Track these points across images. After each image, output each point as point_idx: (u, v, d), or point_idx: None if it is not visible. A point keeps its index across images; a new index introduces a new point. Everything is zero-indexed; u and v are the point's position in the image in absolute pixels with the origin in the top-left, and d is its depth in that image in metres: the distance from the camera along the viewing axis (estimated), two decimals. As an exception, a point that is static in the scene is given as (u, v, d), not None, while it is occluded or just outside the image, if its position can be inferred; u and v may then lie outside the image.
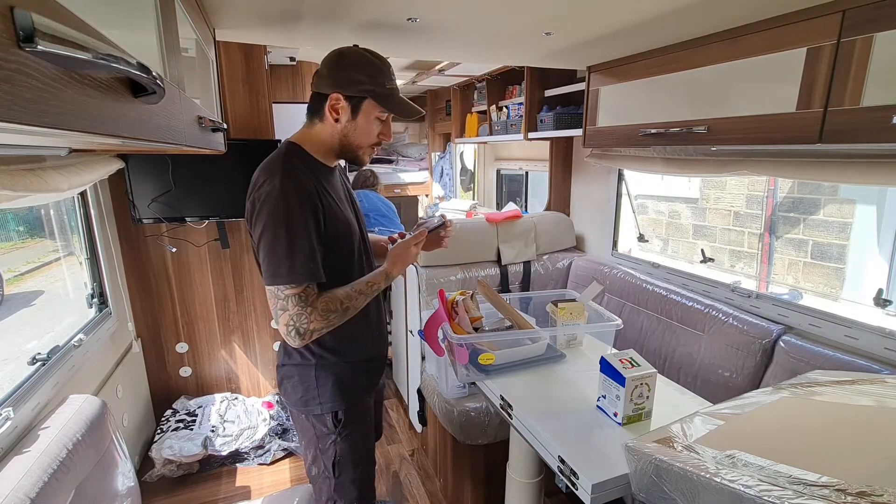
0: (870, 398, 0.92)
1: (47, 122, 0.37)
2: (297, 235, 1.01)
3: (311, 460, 1.28)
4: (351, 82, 1.08)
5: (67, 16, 0.40)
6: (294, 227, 1.01)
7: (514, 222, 2.46)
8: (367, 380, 1.32)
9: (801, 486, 0.66)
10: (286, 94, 2.91)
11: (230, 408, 2.33)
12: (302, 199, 1.02)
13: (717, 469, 0.74)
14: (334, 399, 1.22)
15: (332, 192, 1.15)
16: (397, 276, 1.23)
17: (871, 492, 0.62)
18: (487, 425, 1.75)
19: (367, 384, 1.32)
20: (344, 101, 1.10)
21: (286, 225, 1.00)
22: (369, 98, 1.10)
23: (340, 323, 1.10)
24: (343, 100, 1.09)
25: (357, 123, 1.12)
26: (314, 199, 1.06)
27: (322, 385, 1.21)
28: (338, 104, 1.10)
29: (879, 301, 1.42)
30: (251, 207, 1.05)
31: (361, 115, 1.12)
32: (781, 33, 1.16)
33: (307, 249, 1.01)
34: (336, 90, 1.09)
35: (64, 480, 1.11)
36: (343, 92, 1.09)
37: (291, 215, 1.01)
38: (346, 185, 1.30)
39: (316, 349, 1.20)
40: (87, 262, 1.87)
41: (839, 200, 2.58)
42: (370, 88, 1.09)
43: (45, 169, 1.17)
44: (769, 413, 0.93)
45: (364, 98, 1.10)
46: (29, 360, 1.39)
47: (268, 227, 1.00)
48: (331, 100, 1.09)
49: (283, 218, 1.00)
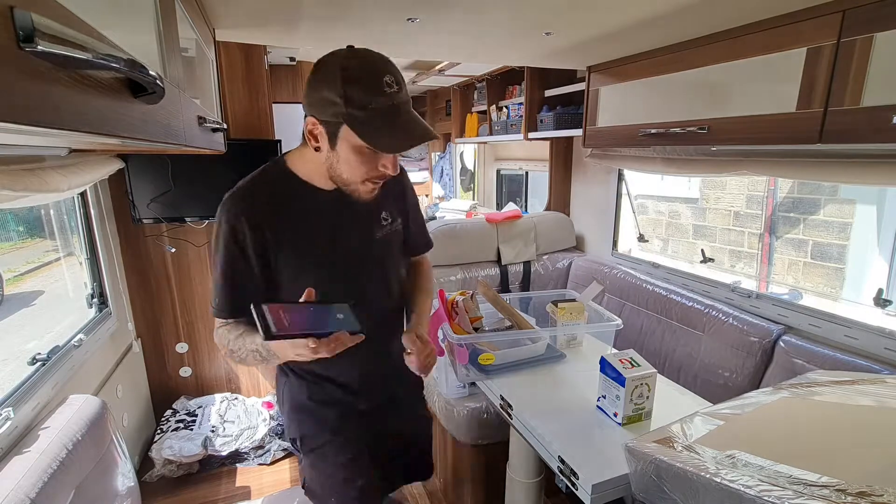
0: (870, 398, 0.92)
1: (47, 122, 0.37)
2: (216, 269, 1.00)
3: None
4: (324, 103, 0.86)
5: (67, 16, 0.40)
6: (216, 258, 0.99)
7: (514, 222, 2.46)
8: (338, 410, 1.11)
9: (801, 486, 0.66)
10: (286, 95, 2.91)
11: (230, 408, 2.33)
12: (226, 233, 0.96)
13: (718, 469, 0.74)
14: (291, 423, 1.14)
15: (303, 219, 0.99)
16: (277, 361, 1.01)
17: (871, 492, 0.62)
18: (487, 425, 1.75)
19: (337, 416, 1.11)
20: (320, 127, 0.89)
21: (214, 256, 1.00)
22: (345, 124, 0.86)
23: (238, 361, 1.01)
24: (319, 125, 0.89)
25: (338, 154, 0.90)
26: (241, 234, 0.95)
27: (284, 401, 1.15)
28: (315, 129, 0.90)
29: (879, 301, 1.42)
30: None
31: (341, 143, 0.89)
32: (781, 33, 1.16)
33: (217, 285, 0.99)
34: (311, 113, 0.89)
35: (64, 480, 1.11)
36: (317, 116, 0.88)
37: (216, 247, 0.99)
38: (370, 205, 1.03)
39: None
40: (87, 262, 1.87)
41: (839, 200, 2.58)
42: (343, 111, 0.84)
43: (45, 169, 1.17)
44: (769, 413, 0.93)
45: (340, 123, 0.87)
46: (29, 360, 1.39)
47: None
48: (307, 124, 0.90)
49: (213, 249, 1.01)
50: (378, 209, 1.09)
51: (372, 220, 1.08)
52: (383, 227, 1.10)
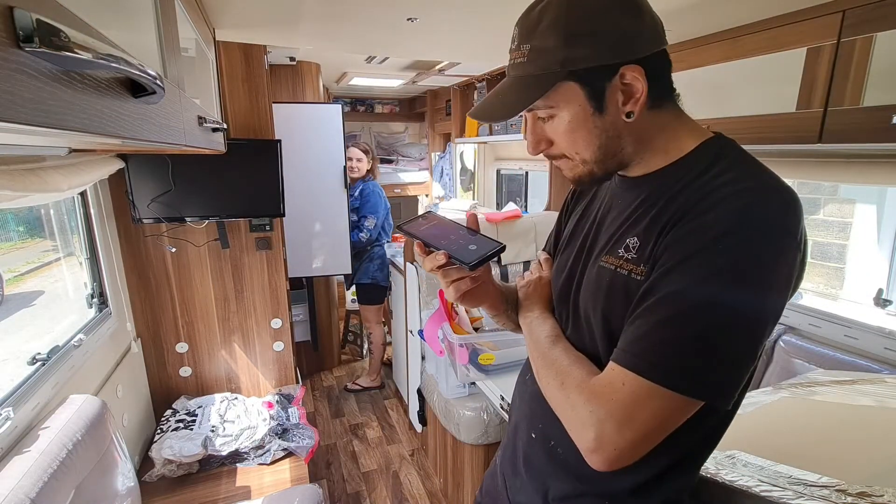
0: (870, 398, 0.92)
1: (47, 122, 0.37)
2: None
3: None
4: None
5: (67, 16, 0.40)
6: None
7: (514, 222, 2.46)
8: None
9: (801, 486, 0.66)
10: (286, 95, 2.91)
11: (230, 408, 2.33)
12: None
13: (718, 469, 0.74)
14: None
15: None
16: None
17: (871, 492, 0.62)
18: (487, 425, 1.75)
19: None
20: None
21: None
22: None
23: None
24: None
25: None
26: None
27: None
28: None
29: (879, 301, 1.42)
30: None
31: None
32: (781, 33, 1.16)
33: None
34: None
35: (64, 480, 1.11)
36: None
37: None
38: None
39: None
40: (87, 262, 1.87)
41: (839, 200, 2.58)
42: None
43: (45, 169, 1.17)
44: (769, 413, 0.93)
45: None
46: (29, 360, 1.39)
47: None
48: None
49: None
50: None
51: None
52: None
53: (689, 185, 0.60)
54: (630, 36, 0.58)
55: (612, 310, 0.64)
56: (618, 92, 0.60)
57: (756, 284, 0.53)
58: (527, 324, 0.79)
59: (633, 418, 0.55)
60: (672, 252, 0.57)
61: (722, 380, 0.54)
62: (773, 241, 0.54)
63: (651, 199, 0.63)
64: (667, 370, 0.54)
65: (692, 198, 0.58)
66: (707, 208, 0.56)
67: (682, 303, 0.55)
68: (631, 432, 0.56)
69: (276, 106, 2.31)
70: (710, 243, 0.54)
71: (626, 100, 0.60)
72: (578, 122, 0.62)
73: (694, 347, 0.54)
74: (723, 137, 0.64)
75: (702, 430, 0.64)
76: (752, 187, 0.56)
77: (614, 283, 0.64)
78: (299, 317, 3.09)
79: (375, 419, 2.94)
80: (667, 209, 0.60)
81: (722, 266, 0.53)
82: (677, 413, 0.56)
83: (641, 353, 0.56)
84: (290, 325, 2.48)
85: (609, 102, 0.61)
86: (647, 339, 0.56)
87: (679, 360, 0.54)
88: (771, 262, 0.54)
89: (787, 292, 0.56)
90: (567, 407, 0.63)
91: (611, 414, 0.57)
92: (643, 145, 0.64)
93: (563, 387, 0.64)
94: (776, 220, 0.54)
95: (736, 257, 0.53)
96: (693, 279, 0.54)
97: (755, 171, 0.58)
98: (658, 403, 0.55)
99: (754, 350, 0.56)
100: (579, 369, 0.65)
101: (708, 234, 0.54)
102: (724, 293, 0.53)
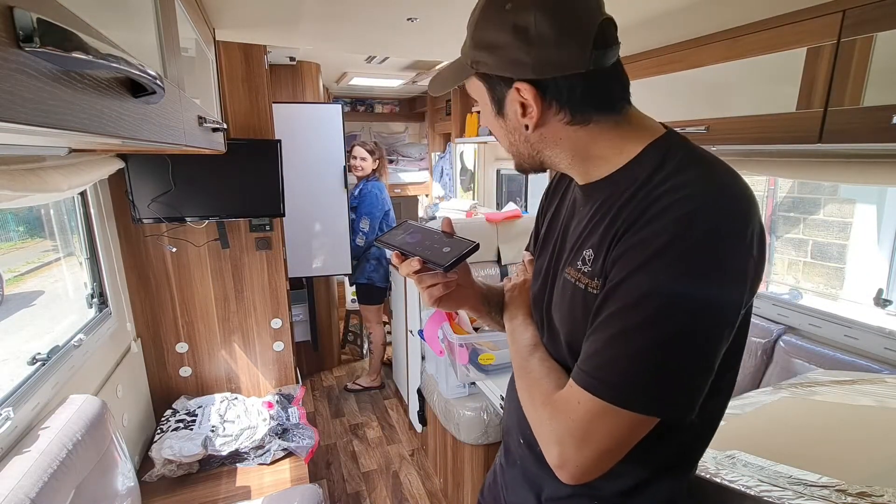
0: (870, 398, 0.92)
1: (47, 122, 0.37)
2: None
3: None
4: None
5: (67, 16, 0.40)
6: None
7: (514, 222, 2.46)
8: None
9: (801, 486, 0.66)
10: (286, 94, 2.91)
11: (230, 408, 2.33)
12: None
13: (717, 469, 0.74)
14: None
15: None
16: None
17: (872, 492, 0.62)
18: (487, 425, 1.75)
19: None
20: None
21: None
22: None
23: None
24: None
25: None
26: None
27: None
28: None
29: (879, 301, 1.42)
30: None
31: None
32: (781, 33, 1.16)
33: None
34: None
35: (64, 480, 1.11)
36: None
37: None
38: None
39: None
40: (87, 262, 1.87)
41: (839, 200, 2.58)
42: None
43: (45, 169, 1.17)
44: (769, 413, 0.93)
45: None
46: (29, 360, 1.39)
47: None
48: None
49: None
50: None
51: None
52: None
53: (636, 194, 0.58)
54: (524, 62, 0.58)
55: (576, 322, 0.64)
56: (516, 103, 0.61)
57: (702, 295, 0.52)
58: (510, 330, 0.79)
59: (590, 437, 0.56)
60: (619, 267, 0.56)
61: (675, 395, 0.54)
62: (718, 249, 0.52)
63: (604, 208, 0.63)
64: (618, 389, 0.54)
65: (638, 207, 0.57)
66: (651, 218, 0.55)
67: (629, 319, 0.54)
68: (589, 450, 0.56)
69: (276, 106, 2.31)
70: (653, 257, 0.53)
71: (523, 112, 0.61)
72: (488, 117, 0.66)
73: (643, 364, 0.53)
74: (671, 136, 0.62)
75: (678, 437, 0.64)
76: (695, 193, 0.54)
77: (575, 296, 0.64)
78: (299, 317, 3.09)
79: (375, 419, 2.94)
80: (616, 220, 0.59)
81: (664, 280, 0.52)
82: (634, 430, 0.56)
83: (594, 371, 0.56)
84: (290, 325, 2.48)
85: (508, 110, 0.62)
86: (600, 356, 0.56)
87: (630, 377, 0.54)
88: (717, 271, 0.52)
89: (741, 297, 0.55)
90: (536, 420, 0.64)
91: (570, 432, 0.57)
92: (577, 155, 0.64)
93: (533, 400, 0.65)
94: (722, 226, 0.53)
95: (679, 270, 0.52)
96: (638, 295, 0.54)
97: (702, 172, 0.56)
98: (613, 421, 0.55)
99: (708, 361, 0.55)
100: (549, 383, 0.65)
101: (650, 247, 0.53)
102: (668, 308, 0.52)
